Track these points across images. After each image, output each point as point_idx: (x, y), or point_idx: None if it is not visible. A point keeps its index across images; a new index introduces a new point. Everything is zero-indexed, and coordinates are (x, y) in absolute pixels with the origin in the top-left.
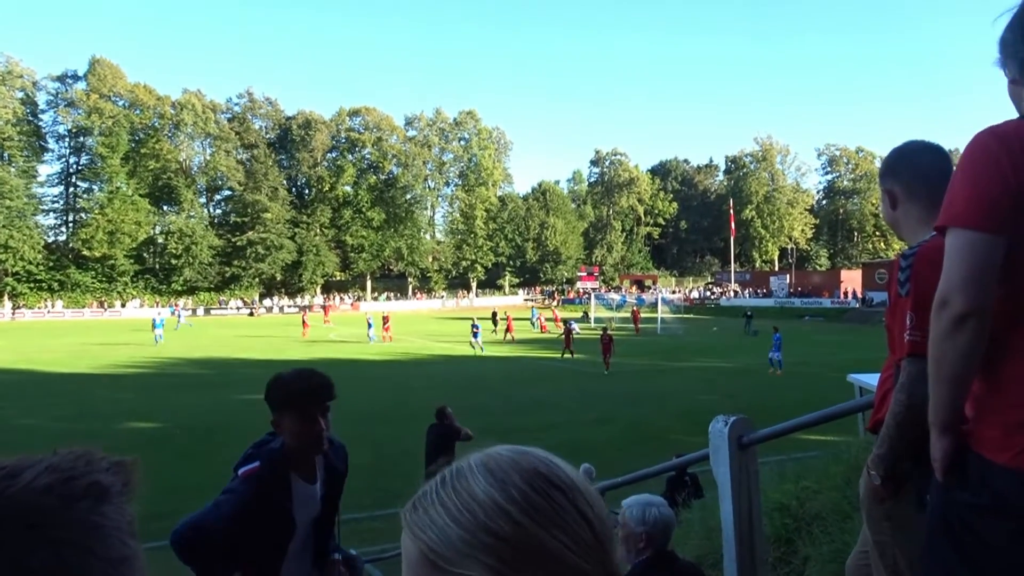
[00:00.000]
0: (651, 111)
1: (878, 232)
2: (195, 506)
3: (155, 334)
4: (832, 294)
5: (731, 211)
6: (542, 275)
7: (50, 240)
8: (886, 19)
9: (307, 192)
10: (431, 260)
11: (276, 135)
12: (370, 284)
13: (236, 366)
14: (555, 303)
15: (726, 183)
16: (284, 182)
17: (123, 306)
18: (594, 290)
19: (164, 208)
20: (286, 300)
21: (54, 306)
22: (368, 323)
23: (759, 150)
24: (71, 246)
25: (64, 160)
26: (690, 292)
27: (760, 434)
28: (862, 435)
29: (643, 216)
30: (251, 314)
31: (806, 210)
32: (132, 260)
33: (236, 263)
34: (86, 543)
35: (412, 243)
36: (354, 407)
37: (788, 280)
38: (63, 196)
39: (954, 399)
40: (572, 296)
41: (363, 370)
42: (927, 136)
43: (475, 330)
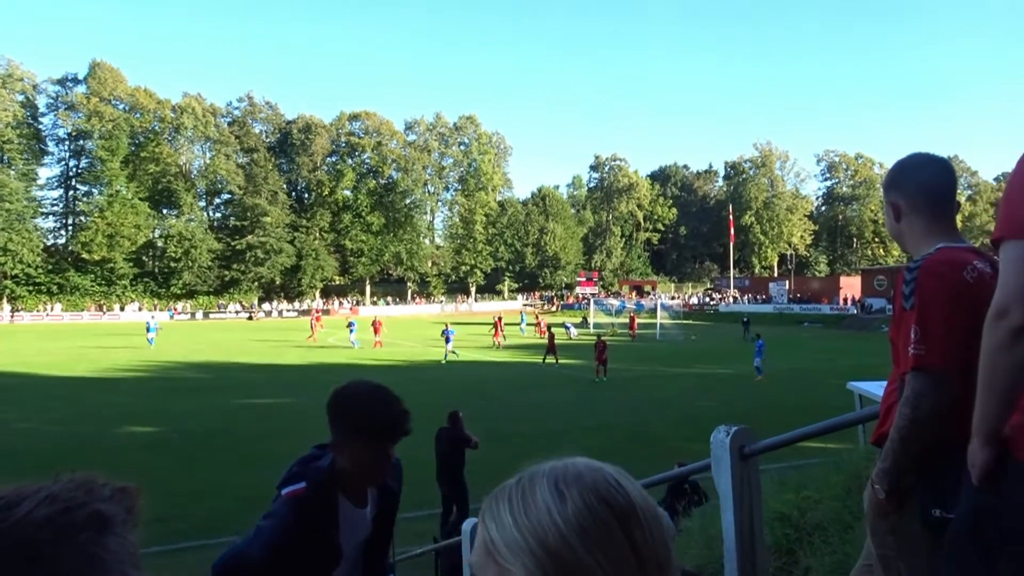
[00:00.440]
0: (651, 117)
1: (877, 239)
2: (192, 510)
3: (148, 337)
4: (831, 300)
5: (730, 217)
6: (541, 280)
7: (49, 243)
8: (886, 27)
9: (307, 196)
10: (430, 265)
11: (276, 139)
12: (369, 288)
13: (234, 370)
14: (554, 308)
15: (725, 189)
16: (284, 186)
17: (122, 309)
18: (593, 295)
19: (164, 211)
20: (285, 304)
21: (53, 309)
22: (350, 327)
23: (759, 156)
24: (70, 249)
25: (64, 163)
26: (689, 298)
27: (762, 445)
28: (862, 444)
29: (642, 222)
30: (250, 318)
31: (805, 216)
32: (131, 263)
33: (235, 267)
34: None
35: (411, 248)
36: None
37: (787, 286)
38: (63, 199)
39: (1004, 410)
40: (571, 301)
41: (360, 375)
42: (925, 144)
43: (447, 336)
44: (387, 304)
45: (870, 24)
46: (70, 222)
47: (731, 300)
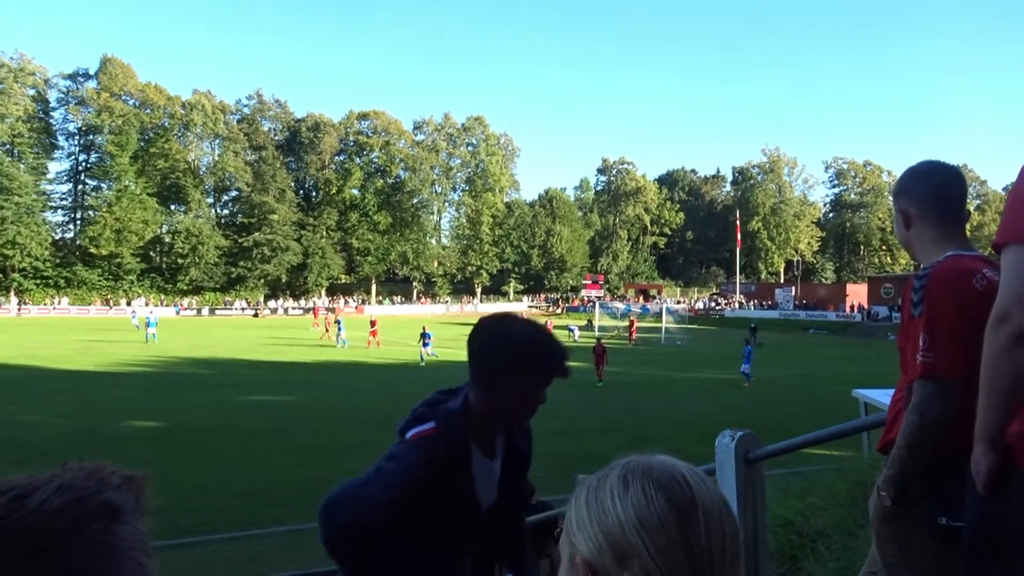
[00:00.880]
0: (659, 121)
1: (884, 246)
2: (194, 506)
3: (148, 332)
4: (837, 307)
5: (737, 222)
6: (547, 282)
7: (58, 237)
8: (897, 35)
9: (314, 194)
10: (436, 265)
11: (285, 137)
12: (375, 288)
13: (239, 367)
14: (559, 310)
15: (733, 194)
16: (292, 184)
17: (128, 304)
18: (599, 298)
19: (172, 207)
20: (291, 302)
21: (60, 303)
22: (339, 326)
23: (767, 162)
24: (78, 243)
25: (73, 158)
26: (695, 302)
27: (767, 450)
28: (867, 452)
29: (649, 225)
30: (256, 315)
31: (813, 223)
32: (139, 259)
33: (242, 264)
34: (100, 565)
35: (418, 247)
36: (354, 412)
37: (793, 292)
38: (72, 193)
39: (1005, 415)
40: (576, 304)
41: (365, 374)
42: (934, 153)
43: (425, 339)
44: (392, 303)
45: (881, 31)
46: (78, 216)
47: (737, 305)
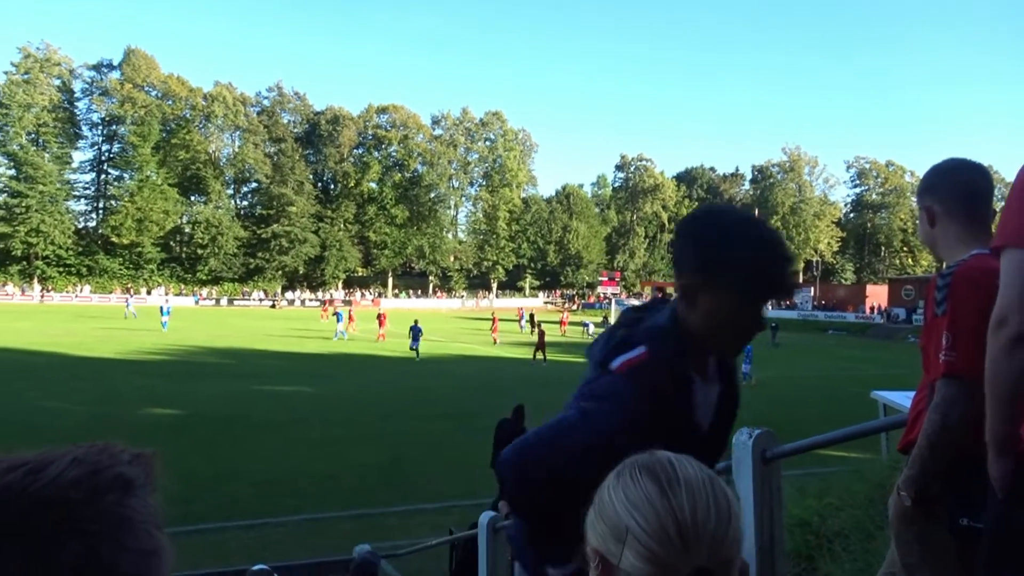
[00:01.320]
0: (678, 118)
1: (906, 248)
2: (210, 493)
3: (162, 321)
4: (857, 309)
5: None
6: (563, 279)
7: (80, 226)
8: (921, 32)
9: (332, 187)
10: (452, 259)
11: (304, 130)
12: (391, 281)
13: (256, 357)
14: (575, 307)
15: (752, 193)
16: (310, 176)
17: (148, 293)
18: (615, 295)
19: (192, 198)
20: (308, 293)
21: (82, 290)
22: (337, 317)
23: (787, 160)
24: (100, 232)
25: (96, 148)
26: None
27: (784, 449)
28: (885, 454)
29: (667, 223)
30: (273, 306)
31: (833, 223)
32: (159, 248)
33: (260, 255)
34: (116, 535)
35: (434, 242)
36: (368, 405)
37: (812, 293)
38: (94, 183)
39: (1011, 418)
40: (592, 301)
41: (379, 367)
42: (959, 153)
43: (415, 332)
44: (408, 297)
45: (905, 28)
46: (101, 206)
47: None
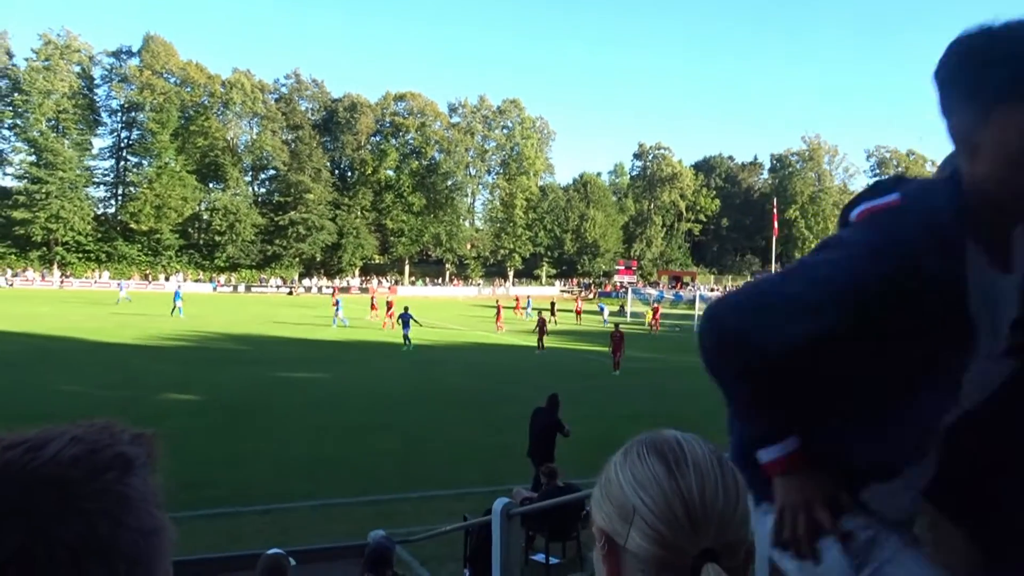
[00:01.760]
0: (696, 106)
1: None
2: (227, 478)
3: (176, 306)
4: None
5: (774, 210)
6: (580, 267)
7: (99, 212)
8: (940, 19)
9: (350, 175)
10: (469, 247)
11: (321, 117)
12: (408, 269)
13: (273, 344)
14: (591, 295)
15: (771, 182)
16: (327, 164)
17: (167, 279)
18: (631, 284)
19: (210, 185)
20: (325, 281)
21: (101, 276)
22: (336, 305)
23: (806, 149)
24: (119, 218)
25: (116, 134)
26: (729, 290)
27: None
28: None
29: (684, 212)
30: (290, 293)
31: None
32: (177, 235)
33: (277, 242)
34: (115, 513)
35: (451, 229)
36: (383, 392)
37: None
38: (114, 169)
39: None
40: (609, 289)
41: (393, 353)
42: None
43: (405, 320)
44: (425, 285)
45: (923, 16)
46: (120, 192)
47: None
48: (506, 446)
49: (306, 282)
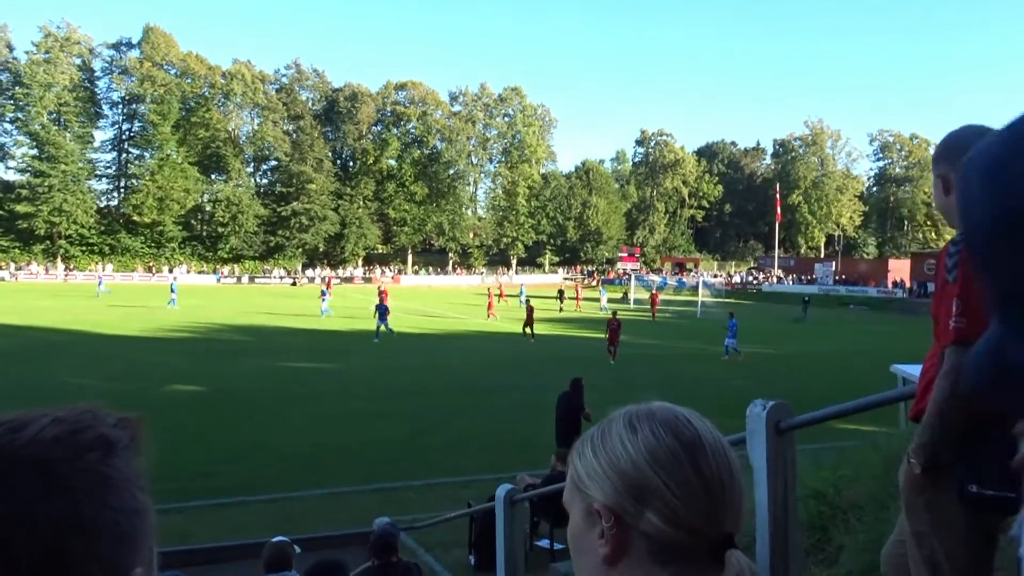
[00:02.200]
0: (698, 92)
1: (929, 221)
2: (233, 468)
3: (171, 298)
4: (879, 283)
5: (777, 195)
6: (583, 255)
7: (102, 205)
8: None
9: (351, 164)
10: (472, 236)
11: (322, 107)
12: (411, 258)
13: (277, 334)
14: (594, 283)
15: (773, 167)
16: (329, 154)
17: (170, 271)
18: (635, 271)
19: (212, 176)
20: (328, 271)
21: (105, 269)
22: (323, 294)
23: (809, 134)
24: (122, 211)
25: (117, 127)
26: (732, 276)
27: (798, 420)
28: (903, 426)
29: (687, 198)
30: (294, 283)
31: (855, 197)
32: (180, 227)
33: (280, 233)
34: (98, 493)
35: (454, 218)
36: (385, 381)
37: (833, 267)
38: (116, 162)
39: None
40: (612, 277)
41: (398, 342)
42: (984, 123)
43: (381, 311)
44: (428, 274)
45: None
46: (122, 184)
47: (775, 280)
48: (509, 433)
49: (309, 272)
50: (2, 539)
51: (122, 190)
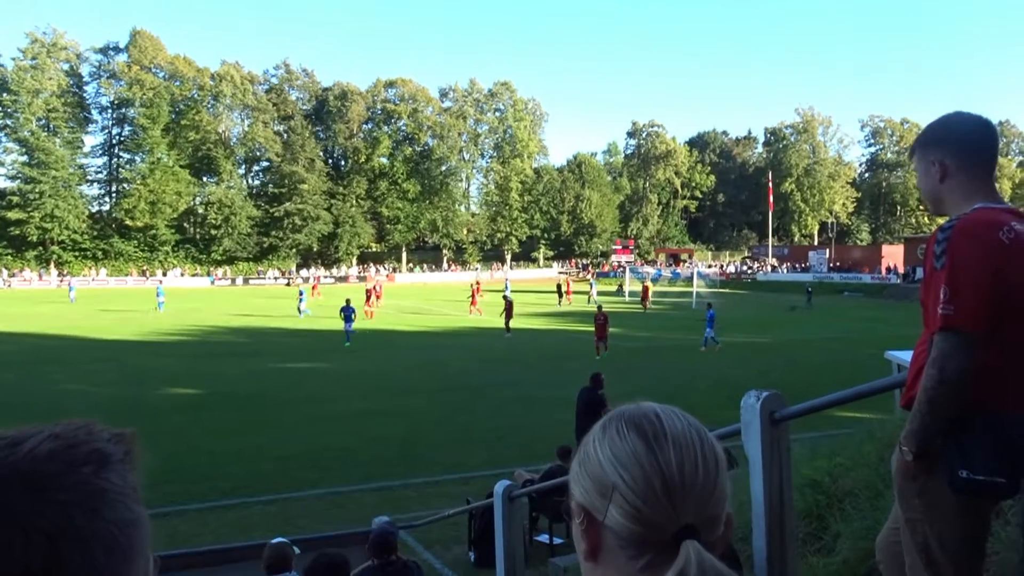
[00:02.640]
0: (689, 82)
1: (922, 207)
2: (231, 470)
3: (158, 302)
4: (873, 269)
5: (770, 184)
6: (577, 248)
7: (94, 210)
8: None
9: (343, 163)
10: (466, 232)
11: (312, 106)
12: (405, 256)
13: (272, 335)
14: (589, 276)
15: (765, 155)
16: (320, 153)
17: (164, 275)
18: (629, 263)
19: (204, 179)
20: (322, 271)
21: (98, 274)
22: (300, 296)
23: (800, 122)
24: (114, 216)
25: (107, 131)
26: (726, 266)
27: (793, 410)
28: (898, 413)
29: (680, 189)
30: (288, 284)
31: (848, 183)
32: (173, 230)
33: (274, 233)
34: (92, 505)
35: (447, 215)
36: (381, 379)
37: (827, 255)
38: (106, 166)
39: None
40: (606, 269)
41: (394, 340)
42: (975, 109)
43: (347, 314)
44: (423, 271)
45: None
46: (114, 189)
47: (769, 269)
48: (506, 429)
49: (304, 272)
50: None
51: (114, 194)
